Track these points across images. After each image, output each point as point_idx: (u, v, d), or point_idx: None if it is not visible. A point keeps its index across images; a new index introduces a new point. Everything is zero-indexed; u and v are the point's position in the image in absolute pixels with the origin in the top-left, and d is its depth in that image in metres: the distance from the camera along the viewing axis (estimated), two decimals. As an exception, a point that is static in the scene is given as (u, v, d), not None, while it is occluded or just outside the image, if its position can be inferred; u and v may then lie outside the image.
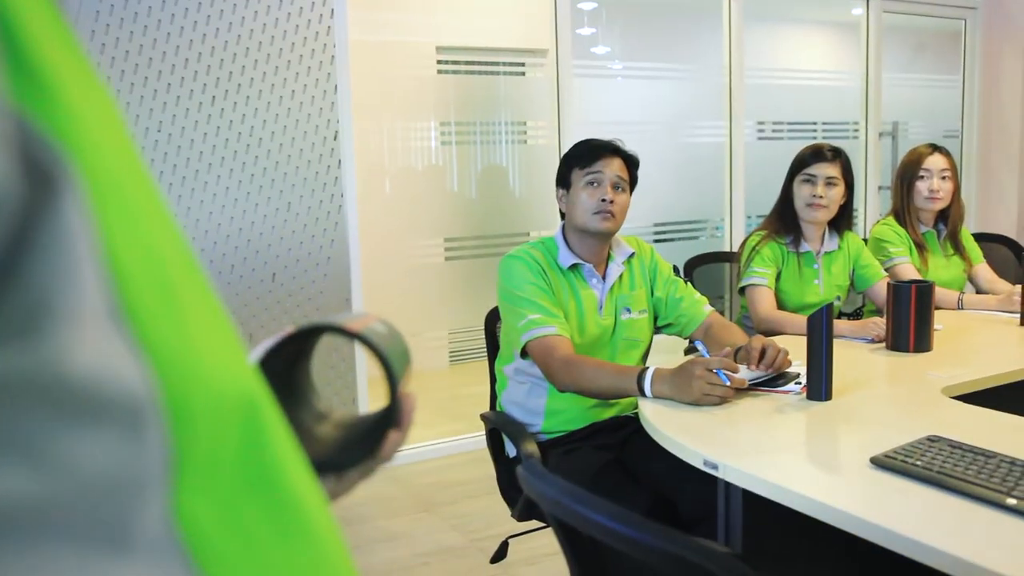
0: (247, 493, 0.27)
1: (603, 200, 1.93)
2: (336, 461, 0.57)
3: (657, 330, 2.11)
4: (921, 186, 2.81)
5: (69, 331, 0.21)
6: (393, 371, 0.55)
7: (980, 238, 3.12)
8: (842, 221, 2.58)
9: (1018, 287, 2.43)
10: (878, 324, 2.14)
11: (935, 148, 2.85)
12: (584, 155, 1.98)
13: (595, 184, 1.95)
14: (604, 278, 2.02)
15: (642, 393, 1.68)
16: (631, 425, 1.91)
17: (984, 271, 2.91)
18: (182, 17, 2.85)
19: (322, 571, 0.30)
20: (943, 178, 2.81)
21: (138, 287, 0.24)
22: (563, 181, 2.02)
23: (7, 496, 0.19)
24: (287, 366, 0.58)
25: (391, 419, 0.57)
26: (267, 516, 0.28)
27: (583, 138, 2.07)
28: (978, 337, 2.25)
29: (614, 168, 1.96)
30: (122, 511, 0.22)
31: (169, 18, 2.83)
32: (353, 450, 0.58)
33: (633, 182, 2.02)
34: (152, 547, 0.23)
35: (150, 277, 0.25)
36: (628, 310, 2.03)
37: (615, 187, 1.95)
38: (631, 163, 2.01)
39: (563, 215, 2.04)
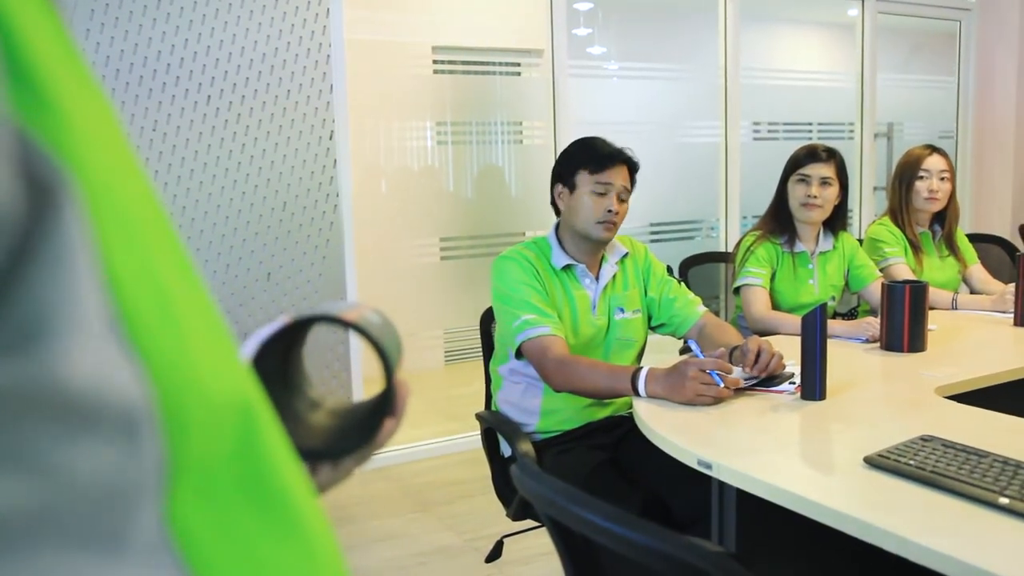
0: (241, 498, 0.28)
1: (609, 211, 1.92)
2: (332, 449, 0.58)
3: (651, 330, 2.11)
4: (920, 187, 2.82)
5: (67, 342, 0.21)
6: (389, 360, 0.55)
7: (974, 239, 3.13)
8: (837, 221, 2.58)
9: (1011, 287, 2.44)
10: (872, 324, 2.15)
11: (934, 149, 2.85)
12: (595, 160, 1.94)
13: (603, 194, 1.93)
14: (598, 278, 2.02)
15: (636, 393, 1.68)
16: (626, 425, 1.91)
17: (978, 272, 2.92)
18: (177, 16, 2.85)
19: (315, 574, 0.30)
20: (942, 179, 2.81)
21: (135, 298, 0.24)
22: (566, 179, 1.98)
23: (2, 504, 0.20)
24: (281, 355, 0.59)
25: (386, 406, 0.58)
26: (260, 520, 0.28)
27: (586, 136, 2.02)
28: (972, 337, 2.25)
29: (622, 179, 1.95)
30: (116, 518, 0.23)
31: (164, 16, 2.83)
32: (348, 438, 0.58)
33: (632, 188, 2.02)
34: (146, 553, 0.23)
35: (147, 287, 0.25)
36: (622, 310, 2.03)
37: (620, 198, 1.95)
38: (634, 170, 2.00)
39: (557, 211, 2.03)
